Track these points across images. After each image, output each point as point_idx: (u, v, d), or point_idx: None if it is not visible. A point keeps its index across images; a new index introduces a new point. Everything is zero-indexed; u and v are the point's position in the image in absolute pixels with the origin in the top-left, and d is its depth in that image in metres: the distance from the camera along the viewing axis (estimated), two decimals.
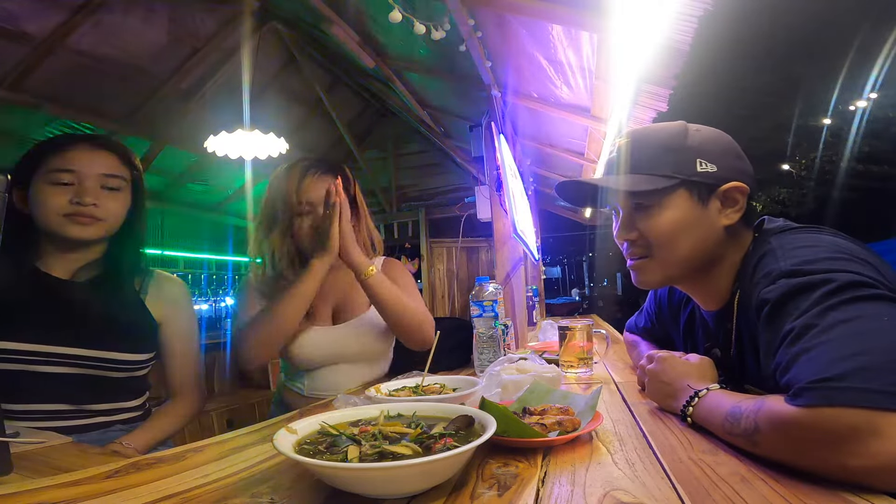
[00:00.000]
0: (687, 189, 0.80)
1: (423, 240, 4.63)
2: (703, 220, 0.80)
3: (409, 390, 0.91)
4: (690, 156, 0.80)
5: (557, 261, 8.70)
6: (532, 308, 2.91)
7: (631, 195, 0.83)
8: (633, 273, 0.89)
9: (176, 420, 1.10)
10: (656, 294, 1.15)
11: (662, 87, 1.67)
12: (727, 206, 0.80)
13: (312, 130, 4.41)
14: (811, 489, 0.46)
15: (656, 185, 0.79)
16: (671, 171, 0.79)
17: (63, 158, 0.99)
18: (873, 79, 6.65)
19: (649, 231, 0.82)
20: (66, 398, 0.97)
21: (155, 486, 0.56)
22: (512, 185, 1.98)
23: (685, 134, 0.82)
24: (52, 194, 0.98)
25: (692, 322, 1.00)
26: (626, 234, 0.86)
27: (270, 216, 1.23)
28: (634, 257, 0.87)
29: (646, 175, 0.81)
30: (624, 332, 1.33)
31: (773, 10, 5.47)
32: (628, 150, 0.85)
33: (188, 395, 1.15)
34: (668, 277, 0.86)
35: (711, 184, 0.79)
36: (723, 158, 0.80)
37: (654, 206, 0.81)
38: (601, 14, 1.42)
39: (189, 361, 1.17)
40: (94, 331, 0.99)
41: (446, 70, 2.49)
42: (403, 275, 1.34)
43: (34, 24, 2.42)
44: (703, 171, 0.79)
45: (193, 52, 3.08)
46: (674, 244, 0.81)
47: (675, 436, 0.66)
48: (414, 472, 0.48)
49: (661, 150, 0.81)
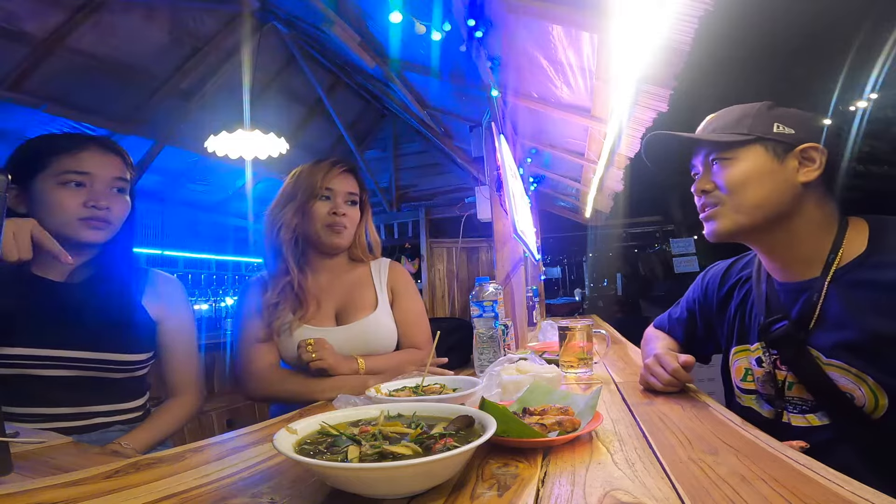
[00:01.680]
0: (762, 145, 0.86)
1: (423, 240, 4.62)
2: (777, 174, 0.86)
3: (409, 390, 0.91)
4: (769, 120, 0.87)
5: (557, 261, 8.69)
6: (532, 308, 2.91)
7: (708, 149, 0.91)
8: (707, 224, 0.94)
9: (175, 419, 1.10)
10: (703, 280, 1.17)
11: (662, 87, 1.67)
12: (805, 164, 0.85)
13: (312, 130, 4.41)
14: (811, 489, 0.46)
15: (731, 138, 0.88)
16: (748, 130, 0.87)
17: (76, 160, 0.99)
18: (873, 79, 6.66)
19: (723, 180, 0.89)
20: (66, 401, 0.96)
21: (155, 486, 0.56)
22: (512, 185, 1.98)
23: (770, 106, 0.90)
24: (64, 196, 0.97)
25: (745, 302, 1.02)
26: (703, 185, 0.92)
27: (289, 194, 1.27)
28: (707, 207, 0.93)
29: (724, 133, 0.89)
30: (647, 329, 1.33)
31: (773, 10, 5.47)
32: (715, 119, 0.94)
33: (187, 393, 1.14)
34: (738, 225, 0.90)
35: (788, 143, 0.85)
36: (802, 125, 0.87)
37: (730, 160, 0.88)
38: (601, 14, 1.42)
39: (187, 360, 1.16)
40: (91, 333, 0.98)
41: (446, 70, 2.49)
42: (407, 281, 1.37)
43: (34, 24, 2.42)
44: (779, 132, 0.86)
45: (193, 52, 3.08)
46: (744, 191, 0.87)
47: (675, 436, 0.66)
48: (414, 472, 0.48)
49: (741, 115, 0.90)
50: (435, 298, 4.48)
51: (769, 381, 0.92)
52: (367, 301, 1.29)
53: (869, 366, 0.78)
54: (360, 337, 1.25)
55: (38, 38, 2.46)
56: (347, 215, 1.28)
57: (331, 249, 1.29)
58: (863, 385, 0.79)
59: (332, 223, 1.25)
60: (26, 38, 2.44)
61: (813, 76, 6.97)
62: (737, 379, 1.01)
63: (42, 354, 0.94)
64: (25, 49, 2.48)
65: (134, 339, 1.05)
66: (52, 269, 1.01)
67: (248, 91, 2.83)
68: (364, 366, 1.16)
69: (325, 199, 1.26)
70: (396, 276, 1.36)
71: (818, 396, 0.85)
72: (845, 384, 0.81)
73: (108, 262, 1.07)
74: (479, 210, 2.95)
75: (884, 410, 0.77)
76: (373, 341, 1.26)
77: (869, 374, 0.78)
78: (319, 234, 1.25)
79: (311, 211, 1.25)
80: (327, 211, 1.26)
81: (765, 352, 0.93)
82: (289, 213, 1.25)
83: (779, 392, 0.91)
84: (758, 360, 0.95)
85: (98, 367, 0.99)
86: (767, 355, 0.92)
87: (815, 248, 0.86)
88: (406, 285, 1.36)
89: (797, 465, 0.53)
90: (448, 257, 4.53)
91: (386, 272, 1.36)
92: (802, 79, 6.93)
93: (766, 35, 6.51)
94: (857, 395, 0.80)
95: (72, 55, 2.61)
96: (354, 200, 1.31)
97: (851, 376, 0.80)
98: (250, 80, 2.88)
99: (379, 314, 1.27)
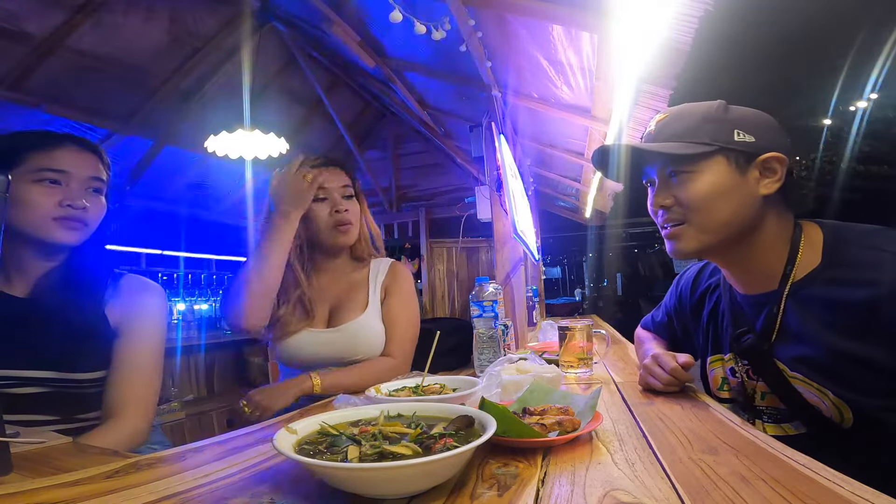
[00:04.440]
0: (724, 156, 0.81)
1: (423, 240, 4.61)
2: (740, 187, 0.81)
3: (409, 390, 0.90)
4: (728, 126, 0.81)
5: (557, 261, 8.70)
6: (532, 308, 2.91)
7: (668, 161, 0.84)
8: (669, 243, 0.88)
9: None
10: (677, 286, 1.15)
11: (662, 87, 1.67)
12: (766, 175, 0.81)
13: (312, 130, 4.41)
14: (811, 489, 0.46)
15: (694, 150, 0.81)
16: (709, 138, 0.81)
17: (51, 157, 0.94)
18: (873, 79, 6.66)
19: (686, 195, 0.83)
20: (50, 411, 0.94)
21: (155, 486, 0.56)
22: (512, 186, 1.98)
23: (725, 108, 0.83)
24: (39, 194, 0.92)
25: (716, 311, 0.99)
26: (662, 200, 0.86)
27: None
28: (670, 224, 0.86)
29: (683, 142, 0.82)
30: (637, 329, 1.33)
31: (773, 10, 5.47)
32: (666, 122, 0.86)
33: (124, 416, 0.96)
34: (704, 245, 0.85)
35: (750, 153, 0.80)
36: (761, 130, 0.82)
37: (690, 172, 0.82)
38: (601, 14, 1.42)
39: (137, 376, 1.00)
40: (54, 351, 0.93)
41: (446, 70, 2.49)
42: (403, 282, 1.34)
43: (34, 24, 2.41)
44: (741, 140, 0.80)
45: (193, 52, 3.08)
46: (710, 208, 0.81)
47: (674, 436, 0.66)
48: (414, 472, 0.47)
49: (700, 121, 0.83)
50: (435, 298, 4.48)
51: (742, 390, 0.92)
52: (359, 302, 1.27)
53: (828, 381, 0.77)
54: (348, 340, 1.23)
55: (38, 38, 2.46)
56: (349, 210, 1.26)
57: (338, 249, 1.28)
58: (825, 398, 0.78)
59: (337, 222, 1.24)
60: (26, 38, 2.44)
61: (813, 76, 6.97)
62: (714, 388, 1.00)
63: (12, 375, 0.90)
64: (25, 49, 2.48)
65: (92, 355, 0.98)
66: (17, 282, 0.96)
67: (247, 91, 2.83)
68: (320, 385, 1.13)
69: (321, 201, 1.24)
70: (393, 276, 1.34)
71: (789, 406, 0.85)
72: (810, 397, 0.80)
73: (76, 267, 1.00)
74: (479, 210, 2.95)
75: (850, 422, 0.77)
76: (362, 344, 1.23)
77: (829, 388, 0.77)
78: (325, 237, 1.24)
79: (311, 215, 1.23)
80: (328, 211, 1.24)
81: (737, 362, 0.92)
82: None
83: (748, 401, 0.90)
84: (731, 369, 0.94)
85: (67, 385, 0.94)
86: (740, 365, 0.91)
87: (773, 260, 0.84)
88: (399, 286, 1.32)
89: (797, 465, 0.53)
90: (448, 257, 4.53)
91: (385, 272, 1.34)
92: (802, 79, 6.93)
93: (766, 35, 6.51)
94: (822, 408, 0.79)
95: (72, 55, 2.61)
96: (350, 194, 1.29)
97: (814, 389, 0.79)
98: (250, 80, 2.88)
99: (367, 316, 1.25)
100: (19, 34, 2.41)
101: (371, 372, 1.17)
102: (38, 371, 0.92)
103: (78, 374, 0.96)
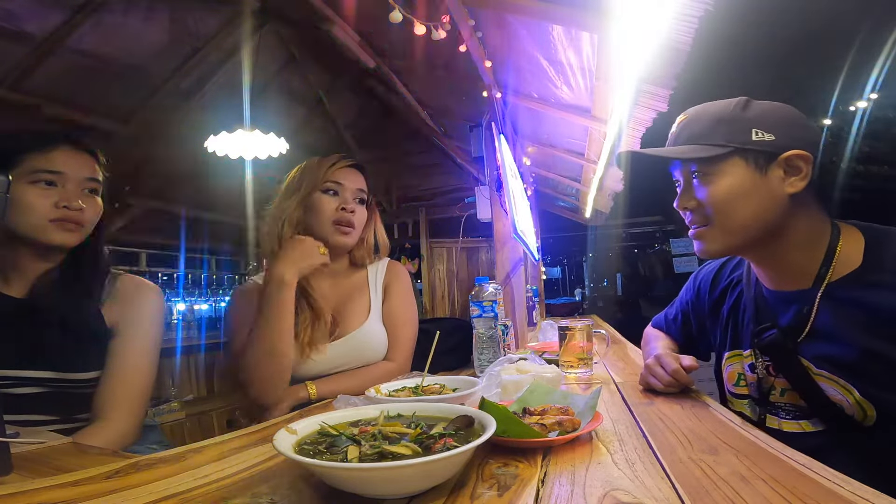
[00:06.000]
0: (742, 157, 0.81)
1: (423, 240, 4.62)
2: (762, 187, 0.80)
3: (408, 390, 0.90)
4: (745, 126, 0.81)
5: (557, 261, 8.71)
6: (532, 308, 2.91)
7: (686, 164, 0.86)
8: (696, 243, 0.89)
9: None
10: (696, 281, 1.15)
11: (662, 87, 1.67)
12: (790, 174, 0.81)
13: (312, 130, 4.41)
14: (811, 489, 0.46)
15: (707, 153, 0.81)
16: (724, 140, 0.81)
17: (47, 159, 0.94)
18: (873, 79, 6.66)
19: (706, 199, 0.84)
20: (49, 411, 0.94)
21: (155, 486, 0.56)
22: (512, 185, 1.98)
23: (743, 106, 0.83)
24: (35, 196, 0.92)
25: (737, 307, 0.99)
26: (685, 203, 0.87)
27: (294, 186, 1.23)
28: (695, 226, 0.88)
29: (700, 145, 0.83)
30: (647, 328, 1.32)
31: (773, 9, 5.47)
32: (686, 123, 0.88)
33: (112, 418, 0.95)
34: (728, 246, 0.86)
35: (770, 152, 0.80)
36: (782, 128, 0.81)
37: (710, 175, 0.83)
38: (601, 14, 1.42)
39: (128, 376, 0.99)
40: (50, 353, 0.94)
41: (446, 70, 2.49)
42: (401, 281, 1.33)
43: (34, 24, 2.42)
44: (758, 139, 0.80)
45: (193, 52, 3.08)
46: (731, 210, 0.82)
47: (674, 436, 0.66)
48: (414, 472, 0.48)
49: (714, 122, 0.83)
50: (435, 298, 4.48)
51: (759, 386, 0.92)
52: (361, 309, 1.26)
53: (856, 379, 0.78)
54: (354, 349, 1.22)
55: (38, 38, 2.46)
56: (356, 213, 1.24)
57: (336, 250, 1.24)
58: (849, 396, 0.79)
59: (340, 220, 1.21)
60: (26, 38, 2.44)
61: (813, 76, 6.97)
62: (729, 384, 1.00)
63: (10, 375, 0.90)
64: (25, 49, 2.48)
65: (89, 355, 0.98)
66: (14, 283, 0.97)
67: (247, 91, 2.83)
68: (316, 395, 1.11)
69: (332, 195, 1.22)
70: (392, 275, 1.33)
71: (810, 404, 0.85)
72: (833, 394, 0.80)
73: (73, 268, 1.00)
74: (479, 210, 2.95)
75: (873, 420, 0.77)
76: (367, 350, 1.23)
77: (855, 386, 0.78)
78: (326, 232, 1.21)
79: (318, 205, 1.20)
80: (335, 207, 1.21)
81: (757, 358, 0.92)
82: (293, 205, 1.20)
83: (763, 397, 0.91)
84: (751, 365, 0.94)
85: (66, 385, 0.95)
86: (760, 361, 0.91)
87: (806, 259, 0.83)
88: (399, 285, 1.31)
89: (797, 465, 0.53)
90: (448, 257, 4.53)
91: (383, 272, 1.33)
92: (803, 79, 6.93)
93: (766, 35, 6.50)
94: (845, 406, 0.80)
95: (72, 55, 2.61)
96: (363, 199, 1.27)
97: (839, 387, 0.80)
98: (250, 80, 2.87)
99: (371, 322, 1.24)
100: (19, 34, 2.41)
101: (370, 378, 1.16)
102: (37, 371, 0.93)
103: (76, 375, 0.96)
